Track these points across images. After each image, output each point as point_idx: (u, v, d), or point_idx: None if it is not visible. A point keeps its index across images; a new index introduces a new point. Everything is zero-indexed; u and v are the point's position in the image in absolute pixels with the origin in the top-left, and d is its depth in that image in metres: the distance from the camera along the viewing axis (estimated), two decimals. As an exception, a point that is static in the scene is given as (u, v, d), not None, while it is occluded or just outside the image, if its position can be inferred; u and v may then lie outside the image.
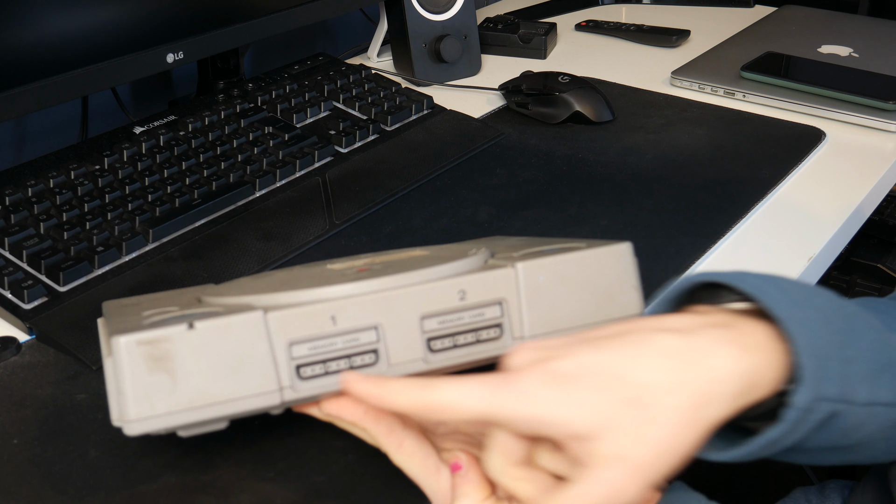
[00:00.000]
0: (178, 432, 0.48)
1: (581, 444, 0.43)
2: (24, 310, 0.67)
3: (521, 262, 0.52)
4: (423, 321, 0.50)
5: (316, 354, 0.48)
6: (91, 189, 0.77)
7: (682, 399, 0.43)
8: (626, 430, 0.43)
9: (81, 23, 0.79)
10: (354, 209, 0.82)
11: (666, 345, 0.45)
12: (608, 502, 0.43)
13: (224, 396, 0.47)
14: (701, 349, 0.44)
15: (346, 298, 0.49)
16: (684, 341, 0.45)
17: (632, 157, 0.92)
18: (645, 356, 0.44)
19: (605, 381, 0.44)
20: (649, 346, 0.45)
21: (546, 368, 0.44)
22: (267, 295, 0.50)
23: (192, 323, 0.46)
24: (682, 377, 0.43)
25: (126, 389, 0.45)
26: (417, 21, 1.11)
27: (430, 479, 0.49)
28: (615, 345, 0.45)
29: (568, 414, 0.43)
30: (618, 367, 0.44)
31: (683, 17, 1.36)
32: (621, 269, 0.54)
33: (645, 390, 0.43)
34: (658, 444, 0.43)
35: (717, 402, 0.44)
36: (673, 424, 0.43)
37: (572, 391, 0.43)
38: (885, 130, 0.99)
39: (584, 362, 0.44)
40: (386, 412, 0.50)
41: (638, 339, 0.45)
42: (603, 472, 0.43)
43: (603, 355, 0.45)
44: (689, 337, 0.45)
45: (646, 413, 0.43)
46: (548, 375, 0.44)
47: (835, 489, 0.61)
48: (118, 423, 0.47)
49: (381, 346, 0.49)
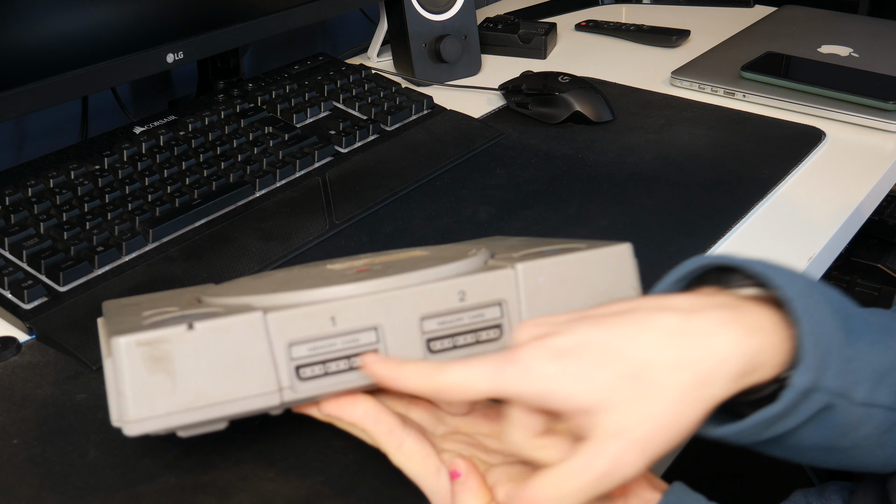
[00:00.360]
0: (177, 433, 0.48)
1: (584, 418, 0.44)
2: (23, 310, 0.67)
3: (520, 263, 0.52)
4: (423, 322, 0.50)
5: (315, 355, 0.48)
6: (91, 189, 0.77)
7: (683, 377, 0.43)
8: (627, 405, 0.43)
9: (81, 23, 0.79)
10: (354, 209, 0.82)
11: (668, 324, 0.45)
12: (609, 474, 0.43)
13: (223, 397, 0.47)
14: (703, 329, 0.44)
15: (345, 299, 0.49)
16: (686, 321, 0.45)
17: (632, 157, 0.92)
18: (646, 334, 0.45)
19: (606, 357, 0.44)
20: (651, 323, 0.45)
21: (548, 344, 0.45)
22: (266, 295, 0.50)
23: (191, 324, 0.46)
24: (683, 355, 0.44)
25: (126, 390, 0.45)
26: (417, 21, 1.11)
27: (429, 480, 0.49)
28: (617, 322, 0.46)
29: (570, 388, 0.44)
30: (618, 343, 0.44)
31: (683, 17, 1.36)
32: (621, 270, 0.54)
33: (646, 367, 0.44)
34: (658, 419, 0.43)
35: (719, 382, 0.44)
36: (674, 402, 0.43)
37: (574, 366, 0.44)
38: (885, 130, 0.99)
39: (586, 338, 0.45)
40: (385, 413, 0.50)
41: (639, 317, 0.45)
42: (604, 445, 0.43)
43: (604, 332, 0.45)
44: (691, 317, 0.45)
45: (646, 389, 0.43)
46: (549, 351, 0.45)
47: (835, 491, 0.61)
48: (118, 424, 0.47)
49: (381, 346, 0.50)
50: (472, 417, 0.54)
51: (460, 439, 0.53)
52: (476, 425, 0.54)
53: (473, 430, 0.54)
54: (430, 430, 0.53)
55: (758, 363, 0.44)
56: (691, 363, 0.44)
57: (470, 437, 0.53)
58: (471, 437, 0.53)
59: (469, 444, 0.52)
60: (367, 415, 0.50)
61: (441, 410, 0.55)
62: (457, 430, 0.54)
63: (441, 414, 0.54)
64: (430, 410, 0.54)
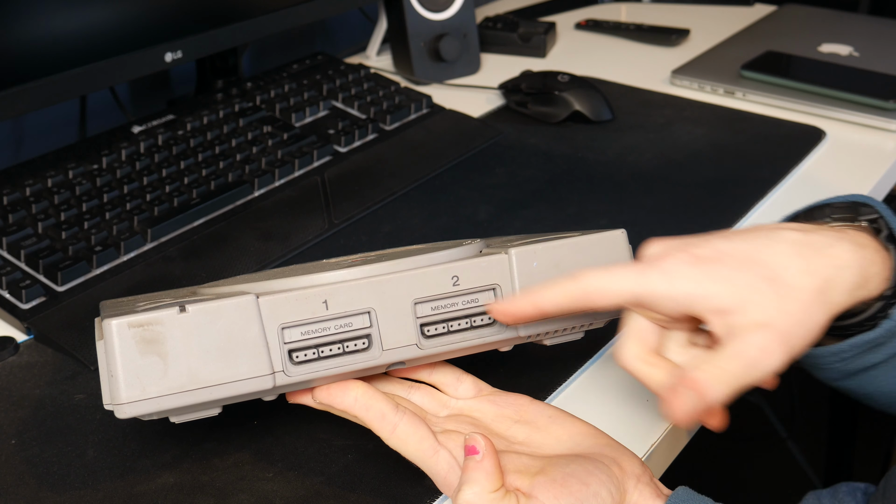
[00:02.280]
0: (170, 418, 0.48)
1: (725, 318, 0.47)
2: (22, 310, 0.66)
3: (514, 248, 0.52)
4: (416, 306, 0.50)
5: (308, 339, 0.48)
6: (89, 188, 0.77)
7: (813, 281, 0.48)
8: (768, 301, 0.47)
9: (80, 22, 0.78)
10: (353, 209, 0.81)
11: (792, 237, 0.50)
12: (757, 362, 0.46)
13: (216, 380, 0.46)
14: (822, 242, 0.49)
15: (338, 283, 0.49)
16: (806, 235, 0.50)
17: (632, 157, 0.92)
18: (776, 243, 0.49)
19: (743, 262, 0.48)
20: (778, 237, 0.50)
21: (688, 252, 0.49)
22: (260, 283, 0.50)
23: (183, 306, 0.46)
24: (811, 263, 0.48)
25: (117, 372, 0.45)
26: (416, 20, 1.11)
27: (427, 462, 0.49)
28: (747, 236, 0.50)
29: (712, 289, 0.47)
30: (753, 251, 0.49)
31: (683, 16, 1.36)
32: (616, 256, 0.54)
33: (781, 271, 0.48)
34: (796, 316, 0.47)
35: (840, 289, 0.48)
36: (807, 302, 0.47)
37: (714, 270, 0.48)
38: (886, 129, 0.99)
39: (722, 248, 0.49)
40: (376, 398, 0.50)
41: (765, 234, 0.50)
42: (751, 337, 0.46)
43: (737, 243, 0.49)
44: (808, 234, 0.50)
45: (784, 290, 0.47)
46: (690, 257, 0.49)
47: (847, 492, 0.60)
48: (109, 407, 0.47)
49: (374, 331, 0.49)
50: (477, 401, 0.54)
51: (464, 420, 0.53)
52: (480, 409, 0.54)
53: (478, 415, 0.53)
54: (432, 412, 0.53)
55: (869, 275, 0.50)
56: (818, 269, 0.48)
57: (474, 420, 0.53)
58: (475, 419, 0.53)
59: (473, 425, 0.52)
60: (357, 401, 0.49)
61: (444, 394, 0.54)
62: (461, 412, 0.53)
63: (444, 398, 0.54)
64: (432, 394, 0.54)
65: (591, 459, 0.49)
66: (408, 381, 0.55)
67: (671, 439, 0.60)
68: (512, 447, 0.51)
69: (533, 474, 0.48)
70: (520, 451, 0.50)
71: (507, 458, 0.49)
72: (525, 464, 0.49)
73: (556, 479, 0.47)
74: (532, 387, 0.60)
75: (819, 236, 0.50)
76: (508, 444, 0.51)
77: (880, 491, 0.56)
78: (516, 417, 0.53)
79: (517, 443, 0.52)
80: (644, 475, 0.50)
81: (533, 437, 0.52)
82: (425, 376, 0.55)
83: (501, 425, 0.53)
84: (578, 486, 0.47)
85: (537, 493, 0.47)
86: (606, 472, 0.49)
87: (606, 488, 0.48)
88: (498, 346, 0.54)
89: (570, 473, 0.48)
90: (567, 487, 0.47)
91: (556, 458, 0.50)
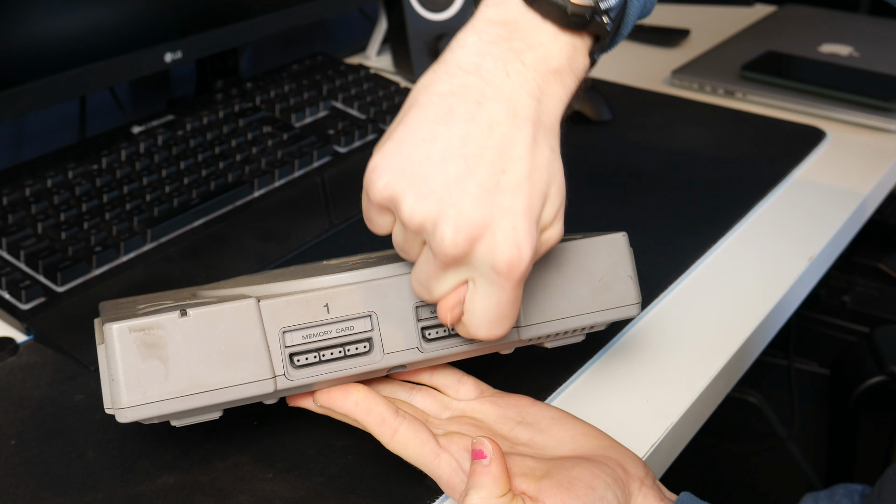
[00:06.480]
0: (171, 422, 0.48)
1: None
2: (21, 310, 0.66)
3: None
4: (418, 310, 0.50)
5: (309, 342, 0.48)
6: (89, 189, 0.77)
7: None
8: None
9: (79, 22, 0.78)
10: (353, 209, 0.81)
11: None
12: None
13: (217, 384, 0.46)
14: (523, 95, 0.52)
15: (339, 287, 0.49)
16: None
17: (632, 157, 0.92)
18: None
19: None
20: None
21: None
22: (261, 286, 0.49)
23: (184, 310, 0.46)
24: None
25: (118, 376, 0.45)
26: (417, 20, 1.11)
27: (429, 465, 0.49)
28: None
29: None
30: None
31: (683, 16, 1.36)
32: (617, 259, 0.54)
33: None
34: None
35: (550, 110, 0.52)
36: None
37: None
38: (886, 130, 0.99)
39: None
40: (377, 402, 0.49)
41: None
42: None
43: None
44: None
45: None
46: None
47: (844, 494, 0.60)
48: (110, 411, 0.47)
49: (376, 334, 0.49)
50: (479, 403, 0.54)
51: (466, 421, 0.52)
52: (482, 411, 0.54)
53: (481, 416, 0.53)
54: (434, 414, 0.53)
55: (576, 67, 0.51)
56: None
57: (476, 421, 0.53)
58: (477, 421, 0.53)
59: (475, 426, 0.52)
60: (358, 405, 0.49)
61: (446, 396, 0.54)
62: (463, 413, 0.53)
63: (446, 399, 0.54)
64: (434, 396, 0.54)
65: (596, 462, 0.49)
66: (409, 383, 0.55)
67: (671, 440, 0.60)
68: (516, 448, 0.51)
69: (539, 478, 0.48)
70: (524, 453, 0.50)
71: (512, 460, 0.49)
72: (530, 466, 0.49)
73: (563, 483, 0.47)
74: (532, 388, 0.60)
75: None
76: (512, 446, 0.51)
77: (875, 493, 0.56)
78: (518, 419, 0.53)
79: (521, 444, 0.52)
80: (647, 478, 0.50)
81: (536, 438, 0.52)
82: (426, 378, 0.55)
83: (504, 427, 0.53)
84: (585, 490, 0.47)
85: (544, 498, 0.47)
86: (612, 474, 0.48)
87: (612, 491, 0.48)
88: (499, 349, 0.54)
89: (576, 477, 0.47)
90: (574, 492, 0.47)
91: (561, 461, 0.49)
